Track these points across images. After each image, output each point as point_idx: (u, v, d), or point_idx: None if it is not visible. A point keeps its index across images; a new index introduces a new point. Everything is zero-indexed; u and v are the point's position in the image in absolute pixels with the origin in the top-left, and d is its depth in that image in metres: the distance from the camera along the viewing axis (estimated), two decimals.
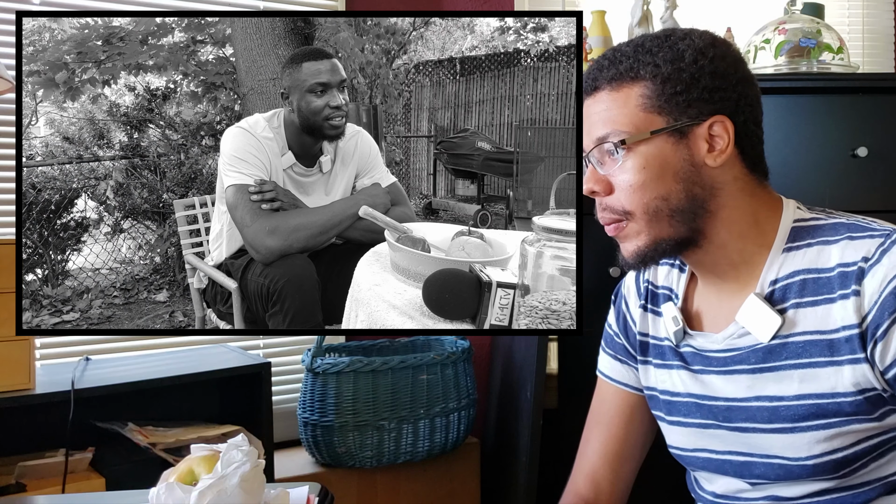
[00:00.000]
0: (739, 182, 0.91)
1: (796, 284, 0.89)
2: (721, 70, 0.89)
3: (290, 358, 2.15)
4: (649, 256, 0.92)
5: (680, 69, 0.89)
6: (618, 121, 0.90)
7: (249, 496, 0.79)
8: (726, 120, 0.89)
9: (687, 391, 0.98)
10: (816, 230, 0.90)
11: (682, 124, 0.89)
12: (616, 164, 0.90)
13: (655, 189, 0.89)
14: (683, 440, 1.01)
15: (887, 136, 1.76)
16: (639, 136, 0.89)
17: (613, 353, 1.11)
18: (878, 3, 2.49)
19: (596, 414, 1.11)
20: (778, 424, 0.89)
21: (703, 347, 0.96)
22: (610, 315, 1.13)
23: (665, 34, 0.92)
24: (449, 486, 1.96)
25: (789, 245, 0.91)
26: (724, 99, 0.89)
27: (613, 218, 0.92)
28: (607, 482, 1.07)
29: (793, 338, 0.88)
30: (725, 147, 0.89)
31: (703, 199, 0.90)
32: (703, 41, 0.91)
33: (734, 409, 0.93)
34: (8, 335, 1.43)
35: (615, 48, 0.94)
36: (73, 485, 1.48)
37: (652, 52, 0.90)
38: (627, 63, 0.90)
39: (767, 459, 0.91)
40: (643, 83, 0.89)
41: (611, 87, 0.91)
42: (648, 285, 1.06)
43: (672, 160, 0.89)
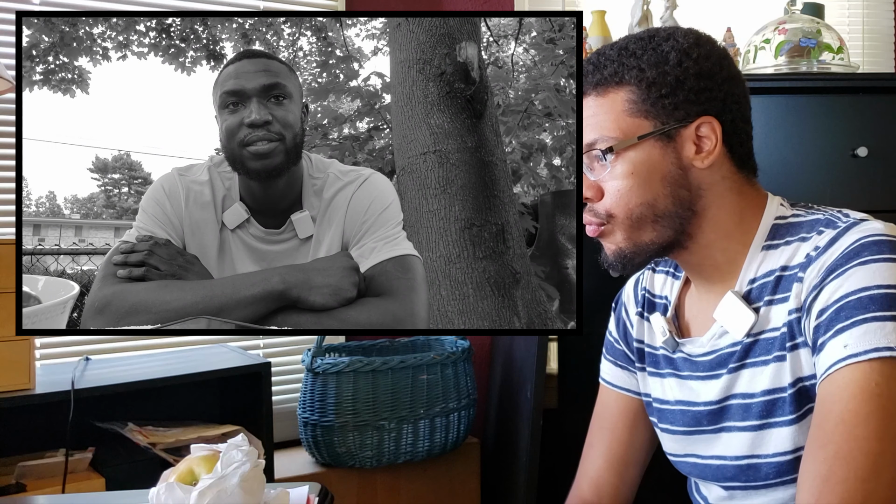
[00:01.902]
0: (727, 181, 0.91)
1: (771, 282, 0.88)
2: (706, 70, 0.89)
3: (290, 358, 2.15)
4: (629, 258, 0.92)
5: (664, 72, 0.88)
6: (605, 126, 0.89)
7: (249, 496, 0.79)
8: (713, 120, 0.89)
9: (675, 398, 0.99)
10: (795, 227, 0.90)
11: (669, 127, 0.88)
12: (605, 171, 0.90)
13: (642, 195, 0.89)
14: (674, 446, 1.01)
15: (887, 136, 1.76)
16: (626, 141, 0.88)
17: (614, 359, 1.11)
18: (878, 3, 2.49)
19: (599, 420, 1.11)
20: (749, 422, 0.89)
21: (692, 353, 0.96)
22: (611, 322, 1.13)
23: (649, 35, 0.92)
24: (449, 486, 1.96)
25: (769, 243, 0.90)
26: (711, 99, 0.89)
27: (595, 221, 0.92)
28: (612, 487, 1.07)
29: (764, 334, 0.89)
30: (713, 148, 0.89)
31: (689, 200, 0.90)
32: (687, 41, 0.90)
33: (714, 411, 0.93)
34: (8, 335, 1.43)
35: (599, 52, 0.94)
36: (73, 485, 1.48)
37: (636, 55, 0.90)
38: (612, 68, 0.90)
39: (737, 461, 0.91)
40: (628, 88, 0.89)
41: (597, 93, 0.91)
42: (646, 293, 1.06)
43: (660, 164, 0.89)
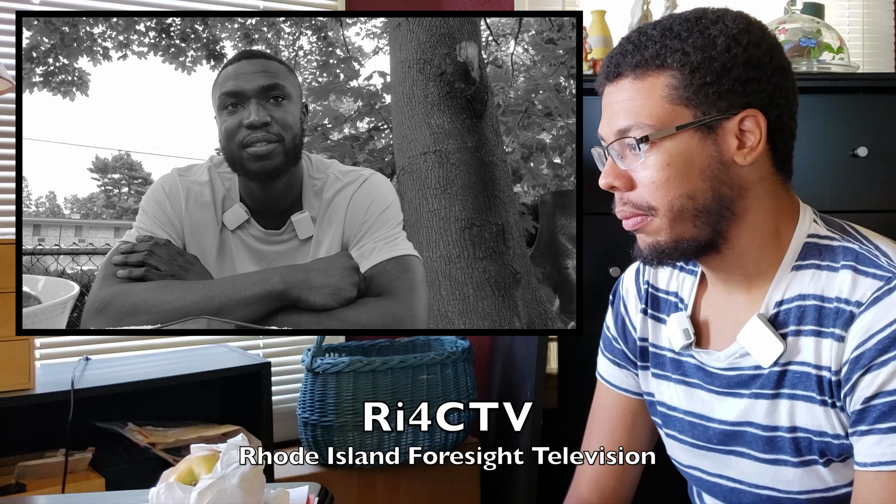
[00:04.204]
0: (766, 182, 0.85)
1: (797, 310, 0.85)
2: (755, 59, 0.82)
3: (290, 358, 2.15)
4: (667, 254, 0.86)
5: (711, 58, 0.81)
6: (641, 113, 0.83)
7: (249, 496, 0.79)
8: (758, 114, 0.82)
9: (682, 408, 0.96)
10: (827, 251, 0.85)
11: (710, 118, 0.82)
12: (638, 160, 0.84)
13: (680, 187, 0.83)
14: (679, 454, 0.99)
15: (887, 136, 1.76)
16: (663, 131, 0.82)
17: (612, 357, 1.07)
18: (878, 3, 2.49)
19: (597, 419, 1.08)
20: (772, 455, 0.87)
21: (707, 363, 0.92)
22: (608, 316, 1.08)
23: (696, 16, 0.84)
24: (449, 486, 1.96)
25: (798, 263, 0.86)
26: (758, 91, 0.82)
27: (636, 213, 0.86)
28: (610, 488, 1.06)
29: (791, 366, 0.85)
30: (756, 144, 0.83)
31: (731, 199, 0.84)
32: (737, 26, 0.83)
33: (728, 433, 0.90)
34: (8, 335, 1.43)
35: (640, 30, 0.86)
36: (72, 485, 1.48)
37: (681, 37, 0.82)
38: (654, 49, 0.83)
39: (757, 490, 0.89)
40: (670, 72, 0.82)
41: (634, 75, 0.84)
42: (649, 287, 1.01)
43: (698, 157, 0.83)
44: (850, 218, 0.93)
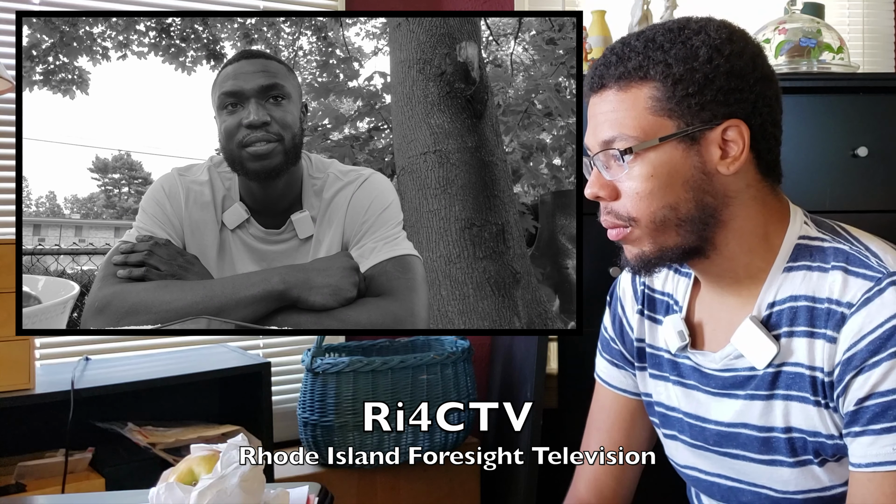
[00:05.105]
0: (752, 189, 0.86)
1: (789, 311, 0.85)
2: (738, 69, 0.83)
3: (290, 358, 2.15)
4: (653, 263, 0.87)
5: (693, 69, 0.82)
6: (625, 124, 0.84)
7: (249, 496, 0.79)
8: (741, 124, 0.83)
9: (682, 408, 0.96)
10: (817, 253, 0.86)
11: (693, 129, 0.83)
12: (622, 171, 0.85)
13: (663, 198, 0.84)
14: (676, 454, 1.00)
15: (887, 136, 1.76)
16: (647, 143, 0.83)
17: (610, 358, 1.07)
18: (878, 3, 2.49)
19: (596, 420, 1.09)
20: (768, 455, 0.87)
21: (702, 364, 0.93)
22: (605, 317, 1.09)
23: (678, 26, 0.85)
24: (449, 486, 1.96)
25: (790, 264, 0.86)
26: (741, 101, 0.83)
27: (617, 223, 0.87)
28: (609, 489, 1.06)
29: (785, 367, 0.86)
30: (740, 153, 0.83)
31: (715, 208, 0.85)
32: (720, 36, 0.84)
33: (724, 434, 0.91)
34: (8, 335, 1.43)
35: (623, 41, 0.87)
36: (72, 485, 1.48)
37: (663, 48, 0.83)
38: (636, 60, 0.84)
39: (755, 488, 0.90)
40: (653, 84, 0.83)
41: (618, 87, 0.85)
42: (645, 289, 1.02)
43: (682, 168, 0.83)
44: (851, 218, 0.93)
